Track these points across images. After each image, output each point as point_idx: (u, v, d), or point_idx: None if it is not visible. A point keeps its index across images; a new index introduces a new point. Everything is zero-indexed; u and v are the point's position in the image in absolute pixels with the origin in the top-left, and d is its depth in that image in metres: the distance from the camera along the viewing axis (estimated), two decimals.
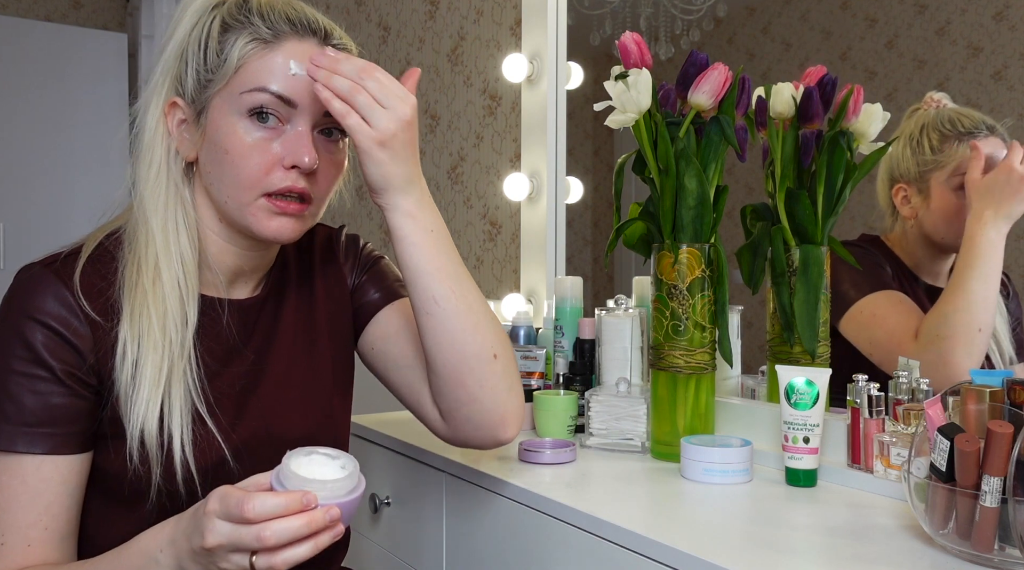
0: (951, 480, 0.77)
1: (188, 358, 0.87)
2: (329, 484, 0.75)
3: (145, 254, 0.86)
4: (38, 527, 0.82)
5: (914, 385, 1.02)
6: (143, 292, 0.85)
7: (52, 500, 0.83)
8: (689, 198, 1.13)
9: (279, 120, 0.86)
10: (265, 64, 0.85)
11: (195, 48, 0.87)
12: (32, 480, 0.82)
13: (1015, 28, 1.11)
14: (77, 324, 0.83)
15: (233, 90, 0.85)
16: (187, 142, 0.89)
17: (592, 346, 1.39)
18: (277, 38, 0.86)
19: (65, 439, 0.83)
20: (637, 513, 0.92)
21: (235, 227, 0.90)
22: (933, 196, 1.17)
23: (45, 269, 0.85)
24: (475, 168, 2.03)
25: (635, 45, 1.16)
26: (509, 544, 1.04)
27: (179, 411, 0.85)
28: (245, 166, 0.85)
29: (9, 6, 3.80)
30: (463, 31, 2.08)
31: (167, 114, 0.89)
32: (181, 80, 0.88)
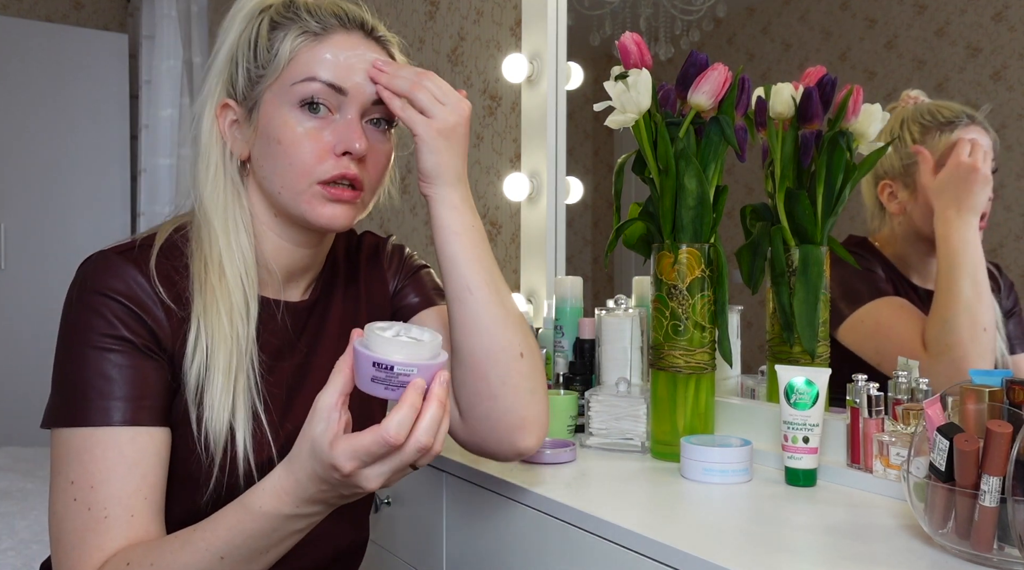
0: (950, 480, 0.77)
1: (251, 354, 0.89)
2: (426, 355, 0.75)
3: (210, 252, 0.89)
4: (138, 497, 0.82)
5: (913, 385, 1.02)
6: (212, 288, 0.87)
7: (148, 470, 0.83)
8: (689, 198, 1.13)
9: (329, 110, 0.89)
10: (315, 55, 0.88)
11: (245, 49, 0.90)
12: (129, 451, 0.82)
13: (1014, 28, 1.11)
14: (152, 306, 0.85)
15: (284, 83, 0.88)
16: (240, 141, 0.92)
17: (592, 346, 1.39)
18: (325, 31, 0.89)
19: (154, 411, 0.84)
20: (637, 513, 0.92)
21: (290, 219, 0.92)
22: (920, 189, 1.17)
23: (119, 255, 0.87)
24: (475, 168, 2.03)
25: (635, 45, 1.16)
26: (509, 544, 1.04)
27: (243, 406, 0.87)
28: (298, 154, 0.88)
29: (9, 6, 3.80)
30: (463, 31, 2.08)
31: (219, 116, 0.91)
32: (232, 82, 0.91)
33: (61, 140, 3.63)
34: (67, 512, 0.82)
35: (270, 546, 0.80)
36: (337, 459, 0.74)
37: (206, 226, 0.90)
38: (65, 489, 0.82)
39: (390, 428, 0.72)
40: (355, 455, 0.73)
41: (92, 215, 3.68)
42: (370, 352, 0.74)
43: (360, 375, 0.75)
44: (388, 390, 0.75)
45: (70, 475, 0.82)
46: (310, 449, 0.76)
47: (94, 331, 0.84)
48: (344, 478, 0.75)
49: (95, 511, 0.81)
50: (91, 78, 3.69)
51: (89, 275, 0.86)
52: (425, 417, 0.74)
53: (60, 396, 0.85)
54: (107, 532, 0.81)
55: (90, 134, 3.68)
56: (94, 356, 0.83)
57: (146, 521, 0.82)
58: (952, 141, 1.13)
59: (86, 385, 0.83)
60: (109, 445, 0.82)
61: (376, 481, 0.76)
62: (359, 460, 0.74)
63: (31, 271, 3.49)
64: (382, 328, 0.76)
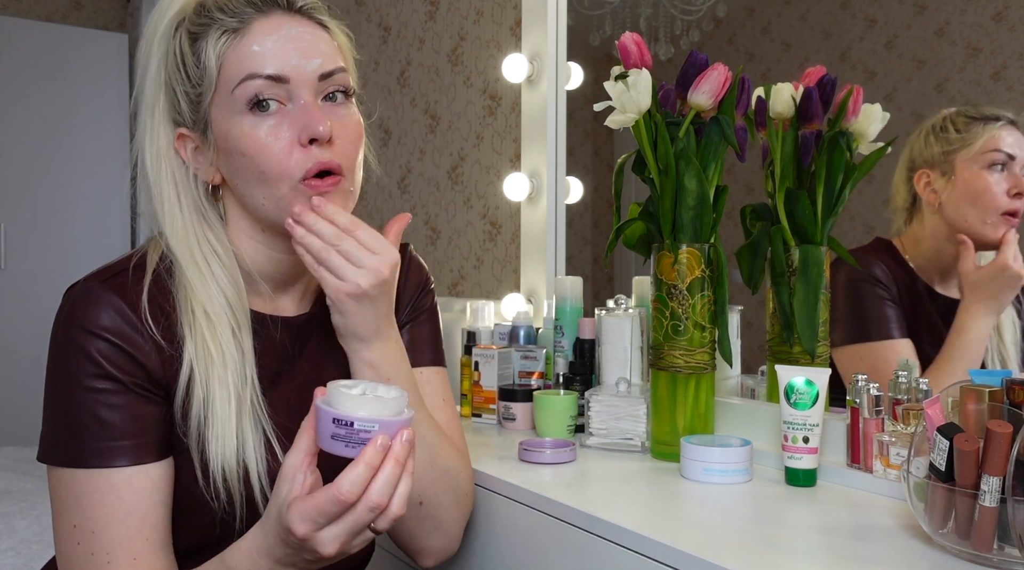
0: (950, 480, 0.77)
1: (251, 386, 0.86)
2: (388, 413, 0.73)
3: (189, 291, 0.85)
4: (140, 539, 0.81)
5: (913, 385, 1.02)
6: (200, 328, 0.84)
7: (148, 510, 0.82)
8: (689, 198, 1.13)
9: (279, 102, 0.83)
10: (242, 52, 0.83)
11: (175, 72, 0.85)
12: (126, 493, 0.81)
13: (1014, 28, 1.11)
14: (141, 342, 0.82)
15: (224, 92, 0.83)
16: (205, 167, 0.87)
17: (592, 346, 1.39)
18: (244, 23, 0.83)
19: (149, 447, 0.83)
20: (637, 513, 0.92)
21: (279, 230, 0.87)
22: (959, 174, 1.15)
23: (105, 284, 0.83)
24: (475, 168, 2.03)
25: (635, 45, 1.16)
26: (509, 544, 1.04)
27: (251, 441, 0.85)
28: (266, 161, 0.82)
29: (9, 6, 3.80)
30: (463, 31, 2.08)
31: (179, 148, 0.87)
32: (176, 110, 0.86)
33: (61, 140, 3.63)
34: (72, 555, 0.82)
35: None
36: (292, 522, 0.72)
37: (176, 264, 0.86)
38: (69, 532, 0.82)
39: (343, 486, 0.70)
40: (307, 516, 0.72)
41: (92, 215, 3.68)
42: (330, 409, 0.72)
43: (321, 434, 0.73)
44: (348, 448, 0.72)
45: (72, 518, 0.82)
46: (276, 512, 0.75)
47: (83, 372, 0.81)
48: (300, 542, 0.73)
49: (98, 556, 0.81)
50: (91, 78, 3.69)
51: (76, 308, 0.82)
52: (380, 476, 0.72)
53: (53, 433, 0.83)
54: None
55: (90, 134, 3.68)
56: (84, 397, 0.81)
57: (150, 559, 0.82)
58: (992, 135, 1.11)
59: (78, 426, 0.81)
60: (106, 489, 0.81)
61: (331, 545, 0.73)
62: (312, 522, 0.72)
63: (31, 271, 3.49)
64: (347, 386, 0.74)
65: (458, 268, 2.10)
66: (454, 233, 2.11)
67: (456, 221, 2.11)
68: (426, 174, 2.23)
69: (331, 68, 0.86)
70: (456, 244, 2.11)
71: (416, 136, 2.27)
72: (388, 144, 2.40)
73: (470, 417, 1.46)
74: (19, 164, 3.54)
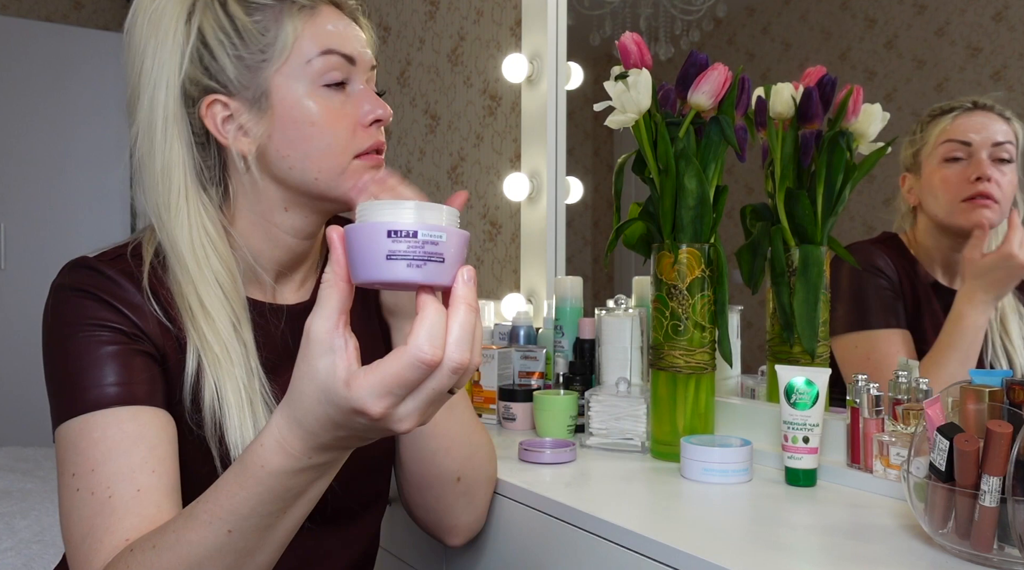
0: (950, 480, 0.77)
1: (258, 377, 0.84)
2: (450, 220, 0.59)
3: (182, 286, 0.83)
4: (145, 470, 0.74)
5: (914, 385, 1.02)
6: (199, 323, 0.82)
7: (155, 443, 0.76)
8: (689, 198, 1.13)
9: (346, 82, 0.87)
10: (319, 28, 0.85)
11: (222, 38, 0.83)
12: (131, 427, 0.76)
13: (1014, 28, 1.11)
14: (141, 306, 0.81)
15: (296, 62, 0.84)
16: (243, 136, 0.85)
17: (592, 346, 1.39)
18: (315, 4, 0.86)
19: (153, 391, 0.79)
20: (637, 513, 0.92)
21: (323, 202, 0.87)
22: (923, 172, 1.17)
23: (100, 261, 0.83)
24: (475, 168, 2.03)
25: (635, 45, 1.16)
26: (509, 544, 1.04)
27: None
28: (335, 132, 0.84)
29: (9, 6, 3.80)
30: (463, 31, 2.08)
31: (203, 116, 0.84)
32: (213, 76, 0.84)
33: (61, 140, 3.63)
34: (72, 505, 0.75)
35: (282, 509, 0.67)
36: (362, 401, 0.59)
37: (174, 253, 0.83)
38: (68, 484, 0.76)
39: (422, 344, 0.57)
40: (386, 390, 0.59)
41: (92, 215, 3.68)
42: (382, 221, 0.57)
43: (366, 262, 0.57)
44: (412, 268, 0.57)
45: (71, 468, 0.76)
46: (318, 391, 0.61)
47: (77, 321, 0.79)
48: (373, 422, 0.60)
49: (99, 494, 0.74)
50: (91, 78, 3.69)
51: (72, 275, 0.82)
52: (454, 327, 0.59)
53: (54, 396, 0.80)
54: (113, 513, 0.73)
55: (90, 134, 3.68)
56: (80, 343, 0.78)
57: (157, 497, 0.74)
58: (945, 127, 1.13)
59: (76, 374, 0.78)
60: (108, 424, 0.76)
61: (411, 420, 0.61)
62: (392, 395, 0.59)
63: (31, 271, 3.49)
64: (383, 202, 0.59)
65: None
66: None
67: None
68: (426, 174, 2.23)
69: (375, 62, 0.91)
70: None
71: (416, 136, 2.27)
72: (388, 144, 2.40)
73: None
74: (19, 164, 3.54)
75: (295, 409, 0.63)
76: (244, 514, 0.66)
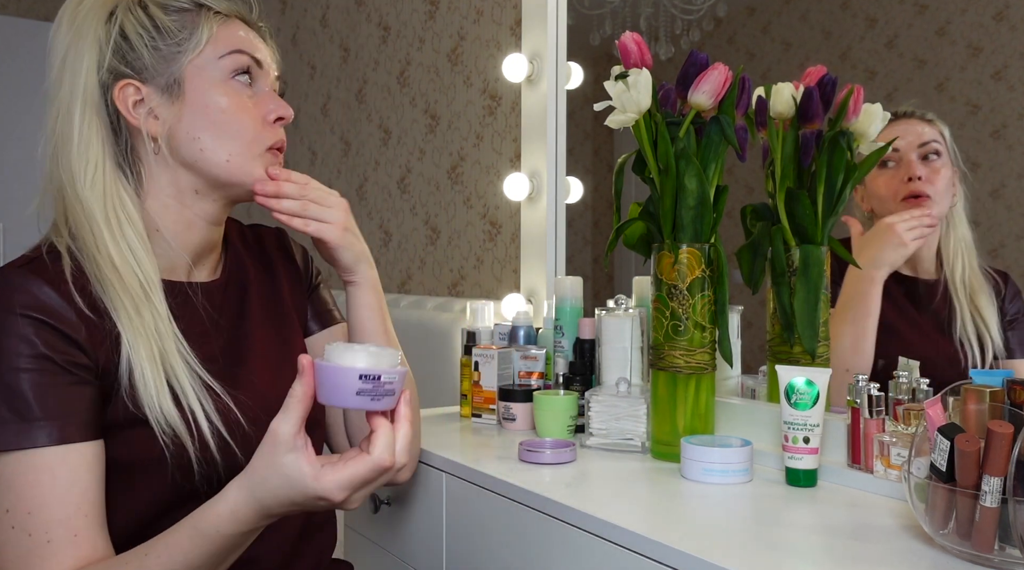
0: (951, 480, 0.77)
1: (174, 337, 0.90)
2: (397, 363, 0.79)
3: (96, 247, 0.89)
4: (79, 516, 0.82)
5: (914, 385, 1.02)
6: (111, 283, 0.88)
7: (86, 487, 0.83)
8: (689, 198, 1.13)
9: (253, 82, 0.97)
10: (231, 32, 0.96)
11: (141, 31, 0.92)
12: (61, 471, 0.82)
13: (1015, 28, 1.11)
14: (67, 315, 0.84)
15: (209, 56, 0.94)
16: (154, 118, 0.93)
17: (592, 346, 1.39)
18: (229, 15, 0.97)
19: (82, 426, 0.84)
20: (637, 513, 0.92)
21: (230, 187, 0.96)
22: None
23: (20, 271, 0.86)
24: (475, 168, 2.03)
25: (635, 45, 1.16)
26: (509, 544, 1.04)
27: (189, 386, 0.88)
28: (243, 120, 0.94)
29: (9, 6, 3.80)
30: (463, 31, 2.08)
31: (117, 99, 0.92)
32: (127, 63, 0.92)
33: None
34: (7, 541, 0.81)
35: (229, 554, 0.83)
36: (328, 491, 0.78)
37: (88, 221, 0.89)
38: (2, 518, 0.81)
39: (383, 454, 0.78)
40: (350, 485, 0.78)
41: None
42: (355, 366, 0.76)
43: (337, 392, 0.76)
44: (374, 401, 0.77)
45: (5, 503, 0.81)
46: (282, 479, 0.78)
47: (14, 353, 0.82)
48: (333, 505, 0.80)
49: (36, 537, 0.81)
50: None
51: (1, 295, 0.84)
52: (399, 437, 0.80)
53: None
54: (53, 556, 0.81)
55: None
56: (19, 379, 0.82)
57: (91, 538, 0.83)
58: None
59: (9, 408, 0.81)
60: (40, 468, 0.81)
61: (360, 501, 0.82)
62: (351, 488, 0.79)
63: None
64: (349, 346, 0.78)
65: (458, 268, 2.10)
66: (454, 233, 2.11)
67: (456, 221, 2.10)
68: (426, 174, 2.23)
69: (279, 74, 1.03)
70: (456, 244, 2.11)
71: (416, 136, 2.27)
72: (388, 144, 2.40)
73: (470, 417, 1.46)
74: (19, 164, 3.54)
75: (255, 490, 0.79)
76: (196, 565, 0.81)
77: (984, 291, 1.15)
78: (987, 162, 1.15)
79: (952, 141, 1.17)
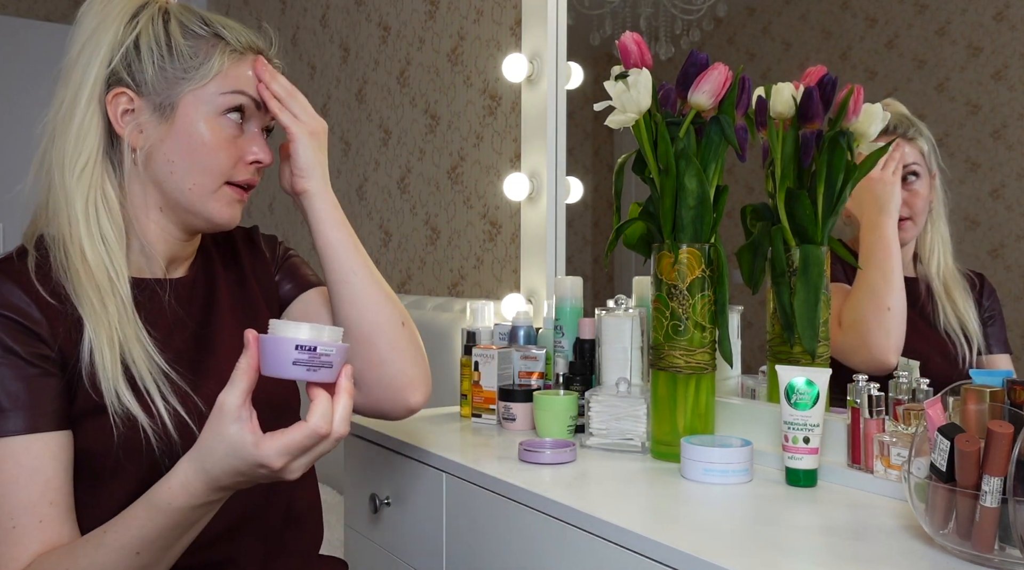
0: (951, 480, 0.77)
1: (135, 324, 0.91)
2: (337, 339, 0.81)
3: (70, 236, 0.91)
4: (44, 502, 0.84)
5: (914, 385, 1.02)
6: (76, 272, 0.90)
7: (50, 475, 0.85)
8: (689, 198, 1.13)
9: (244, 122, 0.98)
10: (240, 71, 0.97)
11: (154, 46, 0.94)
12: (25, 459, 0.84)
13: (1015, 28, 1.11)
14: (33, 313, 0.87)
15: (211, 91, 0.95)
16: (138, 131, 0.95)
17: (592, 346, 1.39)
18: (244, 53, 0.98)
19: (47, 416, 0.86)
20: (637, 513, 0.92)
21: (187, 213, 0.97)
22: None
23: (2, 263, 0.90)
24: (475, 168, 2.03)
25: (635, 45, 1.16)
26: (509, 544, 1.04)
27: (147, 370, 0.90)
28: (218, 157, 0.95)
29: (9, 6, 3.80)
30: (463, 31, 2.08)
31: (109, 103, 0.93)
32: (130, 73, 0.94)
33: None
34: None
35: (184, 531, 0.84)
36: (267, 458, 0.78)
37: (67, 209, 0.92)
38: None
39: (319, 422, 0.79)
40: (287, 451, 0.79)
41: None
42: (292, 336, 0.78)
43: (276, 362, 0.79)
44: (310, 371, 0.79)
45: None
46: (227, 447, 0.79)
47: None
48: (273, 472, 0.80)
49: (2, 522, 0.83)
50: None
51: None
52: (338, 408, 0.81)
53: None
54: (18, 542, 0.83)
55: None
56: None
57: (56, 525, 0.85)
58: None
59: None
60: (4, 456, 0.84)
61: (300, 470, 0.82)
62: (289, 455, 0.79)
63: None
64: (289, 322, 0.80)
65: (458, 268, 2.10)
66: (454, 233, 2.11)
67: (456, 221, 2.10)
68: (426, 174, 2.23)
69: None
70: (456, 244, 2.11)
71: (416, 136, 2.27)
72: (388, 144, 2.40)
73: (470, 417, 1.46)
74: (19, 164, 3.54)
75: (204, 461, 0.80)
76: (151, 539, 0.82)
77: (959, 286, 1.17)
78: (987, 162, 1.15)
79: (933, 151, 1.20)
